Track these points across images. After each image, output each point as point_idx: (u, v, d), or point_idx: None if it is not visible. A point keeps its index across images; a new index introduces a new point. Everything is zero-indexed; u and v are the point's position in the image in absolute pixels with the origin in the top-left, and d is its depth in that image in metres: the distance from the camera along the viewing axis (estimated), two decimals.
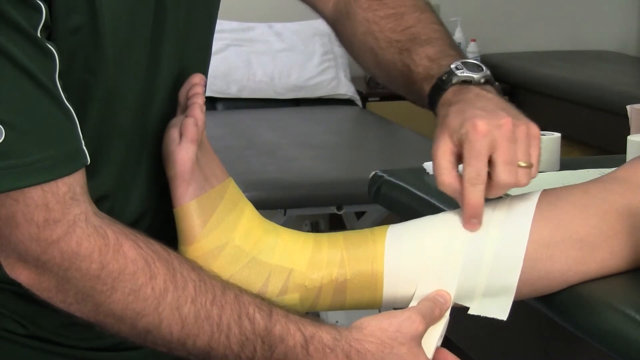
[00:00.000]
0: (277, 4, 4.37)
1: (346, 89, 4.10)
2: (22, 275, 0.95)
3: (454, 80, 1.11)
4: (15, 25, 0.89)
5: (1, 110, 0.88)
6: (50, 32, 0.93)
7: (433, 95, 1.13)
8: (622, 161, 1.23)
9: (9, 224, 0.92)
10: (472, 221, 1.03)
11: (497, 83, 1.14)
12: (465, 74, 1.11)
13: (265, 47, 4.13)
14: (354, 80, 4.20)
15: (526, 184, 1.02)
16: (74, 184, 0.94)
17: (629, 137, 1.36)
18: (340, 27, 1.29)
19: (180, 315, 0.96)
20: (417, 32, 1.20)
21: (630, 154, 1.33)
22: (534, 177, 1.03)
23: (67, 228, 0.93)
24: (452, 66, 1.12)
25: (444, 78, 1.12)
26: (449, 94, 1.10)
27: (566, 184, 1.11)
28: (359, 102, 4.11)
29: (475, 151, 1.01)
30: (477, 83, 1.11)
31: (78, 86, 0.97)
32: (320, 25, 4.26)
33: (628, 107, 1.48)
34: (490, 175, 1.02)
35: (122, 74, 1.00)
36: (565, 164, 1.49)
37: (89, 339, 1.10)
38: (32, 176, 0.91)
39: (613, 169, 1.16)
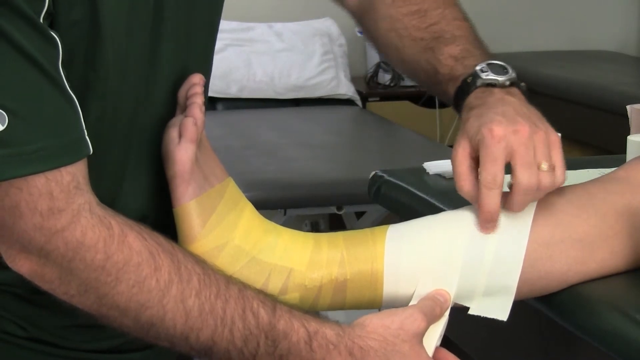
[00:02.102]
0: (277, 4, 4.37)
1: (346, 89, 4.10)
2: (24, 266, 0.94)
3: (478, 83, 1.10)
4: (18, 11, 0.88)
5: (4, 96, 0.88)
6: (51, 23, 0.92)
7: (458, 98, 1.12)
8: (622, 161, 1.22)
9: (12, 214, 0.91)
10: (487, 225, 1.03)
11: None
12: (490, 77, 1.10)
13: (265, 47, 4.13)
14: (354, 80, 4.19)
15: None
16: (78, 173, 0.93)
17: (629, 137, 1.36)
18: (364, 22, 1.29)
19: (185, 307, 0.95)
20: (441, 29, 1.19)
21: (630, 154, 1.33)
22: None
23: (72, 217, 0.92)
24: (477, 68, 1.11)
25: (468, 81, 1.11)
26: (472, 98, 1.10)
27: (566, 184, 1.11)
28: (359, 102, 4.11)
29: (491, 155, 1.01)
30: (501, 86, 1.10)
31: (78, 82, 0.96)
32: (320, 25, 4.28)
33: (628, 107, 1.48)
34: (510, 187, 1.02)
35: (122, 73, 1.00)
36: (566, 164, 1.48)
37: (89, 341, 1.10)
38: (36, 164, 0.90)
39: (613, 169, 1.16)
